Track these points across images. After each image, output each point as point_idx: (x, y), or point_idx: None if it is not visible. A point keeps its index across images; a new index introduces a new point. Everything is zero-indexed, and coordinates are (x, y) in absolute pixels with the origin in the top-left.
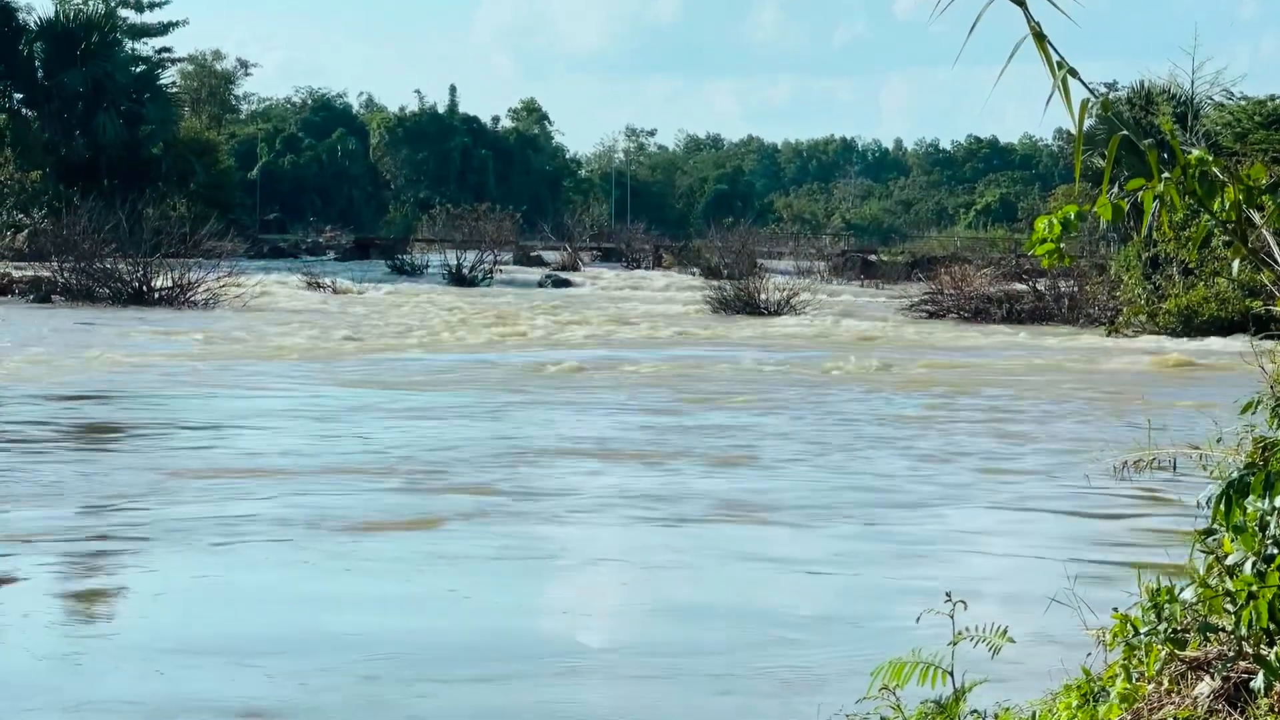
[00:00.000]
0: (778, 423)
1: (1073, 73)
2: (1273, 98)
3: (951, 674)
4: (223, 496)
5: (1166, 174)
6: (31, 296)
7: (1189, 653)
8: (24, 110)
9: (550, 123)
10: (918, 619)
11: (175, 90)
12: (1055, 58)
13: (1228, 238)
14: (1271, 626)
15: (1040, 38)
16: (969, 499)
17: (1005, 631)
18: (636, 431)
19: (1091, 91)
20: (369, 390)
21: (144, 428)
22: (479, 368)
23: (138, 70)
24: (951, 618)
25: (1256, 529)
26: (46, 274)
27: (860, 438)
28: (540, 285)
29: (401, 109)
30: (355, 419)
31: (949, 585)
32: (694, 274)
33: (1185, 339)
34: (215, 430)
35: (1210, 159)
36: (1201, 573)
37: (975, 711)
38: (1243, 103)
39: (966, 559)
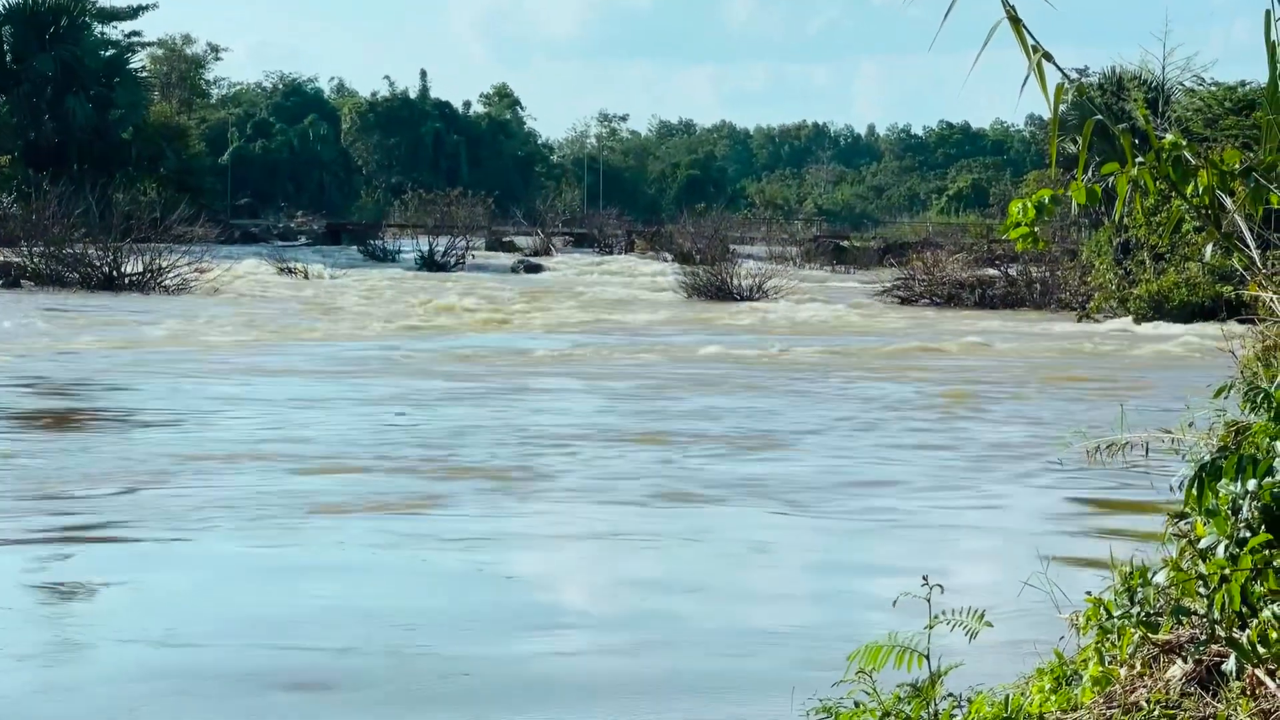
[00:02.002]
0: (754, 408)
1: (1048, 57)
2: (1243, 83)
3: (928, 657)
4: (216, 481)
5: (1141, 159)
6: (0, 282)
7: (1161, 636)
8: None
9: (522, 108)
10: (894, 602)
11: (145, 75)
12: (1030, 42)
13: (1199, 223)
14: (1244, 610)
15: (1016, 21)
16: (942, 483)
17: (982, 615)
18: (620, 416)
19: (1066, 76)
20: (346, 376)
21: (118, 414)
22: (457, 353)
23: (107, 54)
24: (928, 601)
25: (1229, 512)
26: (15, 259)
27: (833, 422)
28: (513, 271)
29: (373, 94)
30: (335, 404)
31: (923, 569)
32: (666, 259)
33: (1156, 324)
34: (191, 418)
35: (1184, 143)
36: (1174, 556)
37: (950, 694)
38: (1213, 88)
39: (940, 543)
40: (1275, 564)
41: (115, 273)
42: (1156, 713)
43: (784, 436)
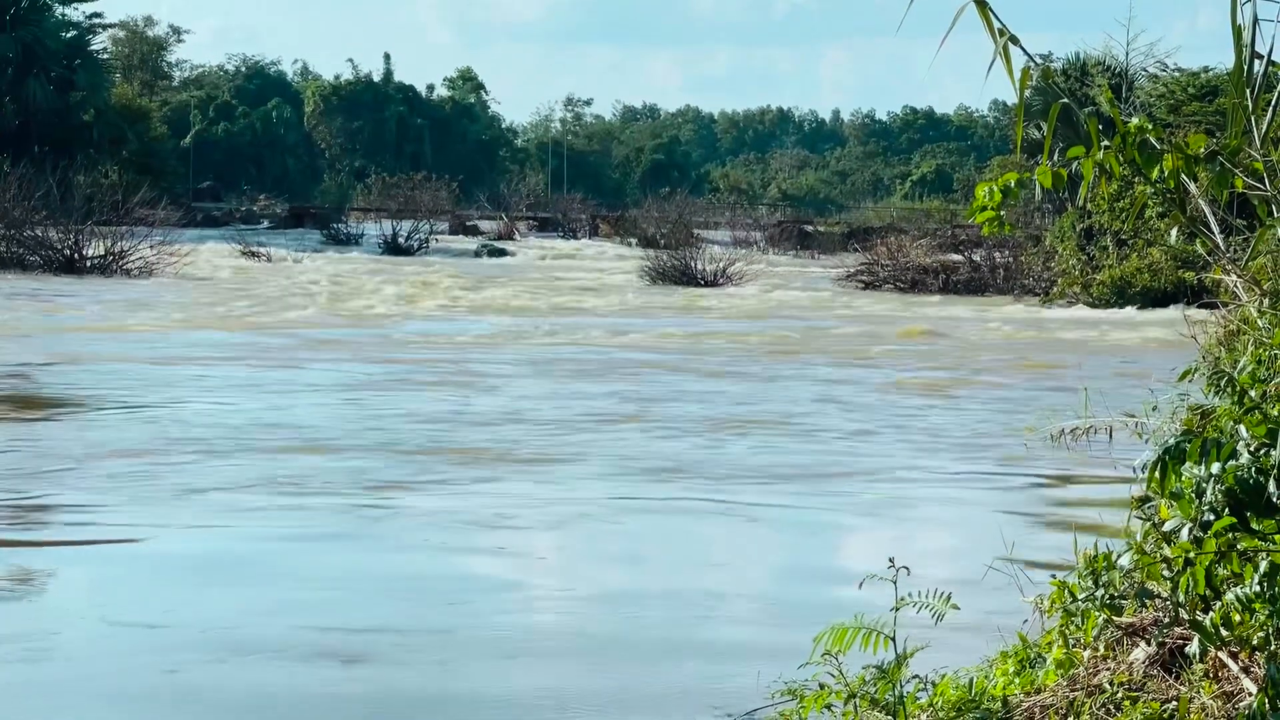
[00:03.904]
0: (720, 391)
1: (1014, 40)
2: (1206, 69)
3: (894, 640)
4: (215, 465)
5: (1107, 143)
6: None
7: (1125, 619)
8: None
9: (486, 92)
10: (860, 584)
11: (107, 56)
12: (997, 25)
13: (1162, 208)
14: (1208, 593)
15: (982, 5)
16: (906, 466)
17: (949, 598)
18: (593, 400)
19: (1032, 59)
20: (318, 363)
21: (84, 401)
22: (428, 338)
23: (68, 36)
24: (894, 584)
25: (1193, 495)
26: None
27: (796, 406)
28: (476, 255)
29: (337, 77)
30: (319, 389)
31: (888, 551)
32: (630, 244)
33: (1119, 309)
34: (178, 403)
35: (1150, 127)
36: (1138, 539)
37: (916, 676)
38: (1176, 74)
39: (905, 526)
40: (1239, 547)
41: (77, 256)
42: (1119, 695)
43: (751, 420)
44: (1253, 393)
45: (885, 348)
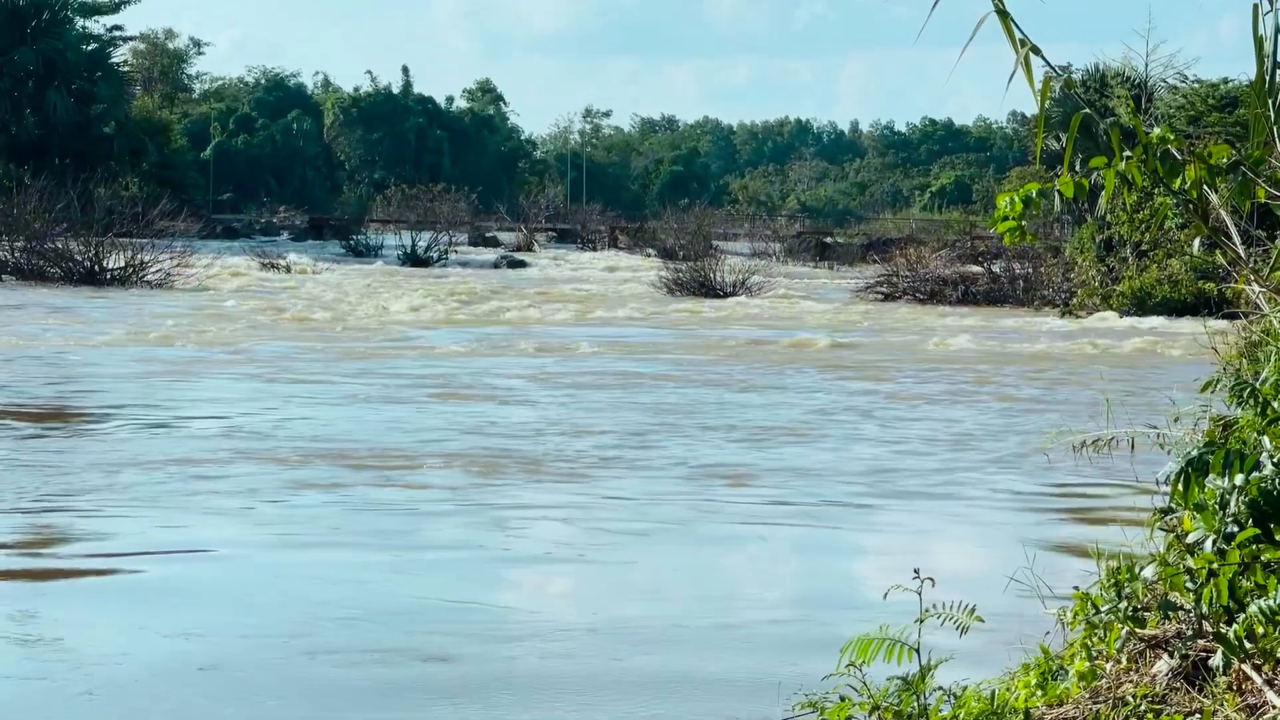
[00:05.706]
0: (737, 401)
1: (1035, 50)
2: (1226, 80)
3: (918, 651)
4: (269, 475)
5: (1128, 153)
6: None
7: (1148, 631)
8: None
9: (505, 103)
10: (885, 595)
11: (127, 69)
12: (1018, 35)
13: (1182, 220)
14: (1231, 605)
15: (1004, 15)
16: (927, 476)
17: (973, 610)
18: (623, 411)
19: (1054, 69)
20: (343, 375)
21: (115, 413)
22: (460, 349)
23: (89, 48)
24: (919, 595)
25: (1216, 507)
26: None
27: (821, 418)
28: (495, 266)
29: (356, 89)
30: (353, 404)
31: (910, 562)
32: (649, 255)
33: (1139, 320)
34: (208, 416)
35: (1172, 137)
36: (1161, 551)
37: (940, 688)
38: (1196, 86)
39: (928, 537)
40: (1263, 559)
41: (97, 267)
42: (1143, 707)
43: (765, 431)
44: (1276, 404)
45: (906, 358)
